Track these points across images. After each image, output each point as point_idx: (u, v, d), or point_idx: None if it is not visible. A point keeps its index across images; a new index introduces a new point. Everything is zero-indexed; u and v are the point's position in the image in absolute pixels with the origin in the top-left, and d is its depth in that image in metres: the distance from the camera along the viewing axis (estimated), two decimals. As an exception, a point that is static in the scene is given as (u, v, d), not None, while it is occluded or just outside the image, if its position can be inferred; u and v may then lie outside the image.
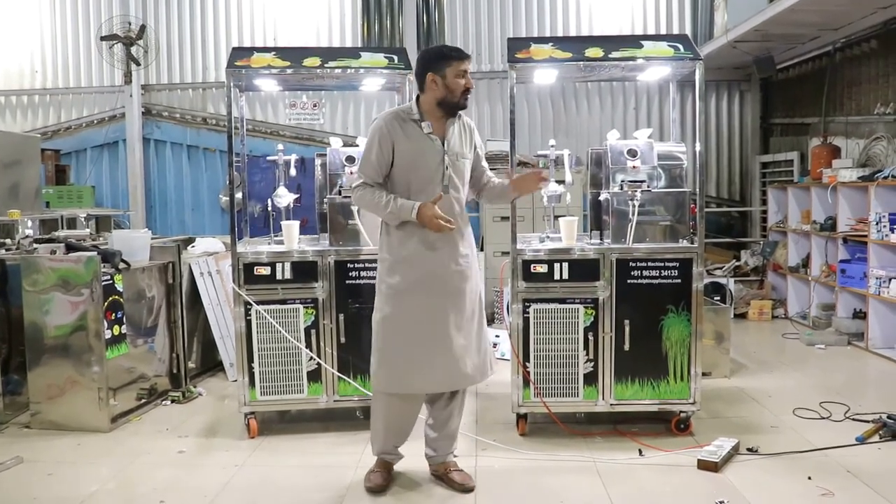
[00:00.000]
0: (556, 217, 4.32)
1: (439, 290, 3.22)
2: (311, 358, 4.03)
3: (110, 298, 4.27)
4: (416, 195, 3.22)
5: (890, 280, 5.69)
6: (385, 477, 3.40)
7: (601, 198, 4.20)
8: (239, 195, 4.43)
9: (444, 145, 3.26)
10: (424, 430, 3.48)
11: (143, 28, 9.06)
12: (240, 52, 4.21)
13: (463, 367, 3.25)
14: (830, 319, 6.59)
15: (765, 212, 8.55)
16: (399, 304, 3.24)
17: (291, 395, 4.06)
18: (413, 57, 3.96)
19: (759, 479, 3.41)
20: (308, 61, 4.14)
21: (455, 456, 3.55)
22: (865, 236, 6.02)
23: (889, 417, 3.99)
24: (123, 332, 4.39)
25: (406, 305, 3.23)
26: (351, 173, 4.00)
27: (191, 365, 5.19)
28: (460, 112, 3.36)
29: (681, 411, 3.99)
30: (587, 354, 3.94)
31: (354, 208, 3.95)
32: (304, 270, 4.02)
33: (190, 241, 6.11)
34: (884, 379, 5.23)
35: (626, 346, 3.92)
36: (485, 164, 3.54)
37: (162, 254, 4.92)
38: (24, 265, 4.25)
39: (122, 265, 4.41)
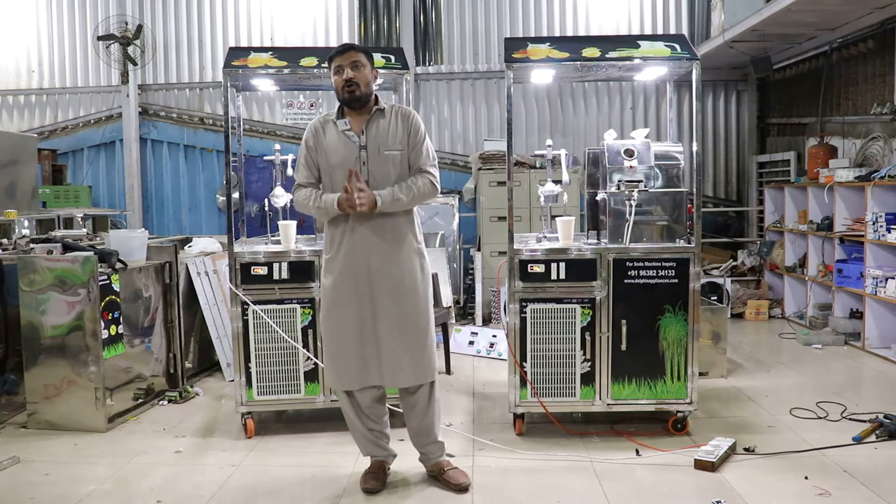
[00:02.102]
0: (554, 217, 4.33)
1: (368, 290, 3.24)
2: (309, 358, 4.03)
3: (107, 298, 4.27)
4: (340, 191, 3.24)
5: (886, 280, 5.70)
6: (379, 477, 3.40)
7: (598, 198, 4.20)
8: (236, 195, 4.44)
9: (361, 140, 3.27)
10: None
11: (139, 28, 9.05)
12: (237, 52, 4.21)
13: (392, 367, 3.25)
14: (827, 319, 6.60)
15: (762, 212, 8.56)
16: (331, 303, 3.31)
17: (288, 394, 4.06)
18: (410, 57, 3.96)
19: (756, 479, 3.41)
20: (305, 61, 4.14)
21: (451, 455, 3.56)
22: (862, 236, 6.03)
23: (886, 417, 4.00)
24: (120, 331, 4.38)
25: (336, 304, 3.29)
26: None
27: (188, 365, 5.19)
28: (392, 105, 3.38)
29: (678, 411, 4.00)
30: (584, 354, 3.94)
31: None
32: (301, 270, 4.02)
33: (187, 240, 6.10)
34: (880, 379, 5.24)
35: (623, 346, 3.92)
36: (421, 158, 3.31)
37: (159, 254, 4.91)
38: (20, 265, 4.25)
39: (118, 265, 4.41)
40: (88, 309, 4.19)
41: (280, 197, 4.29)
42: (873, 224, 5.84)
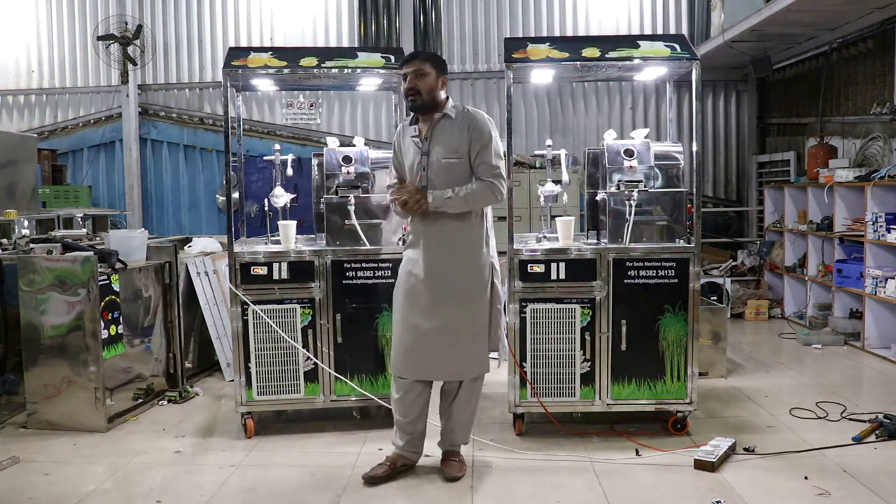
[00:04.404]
0: (553, 217, 4.33)
1: (422, 285, 3.36)
2: (308, 358, 4.03)
3: (107, 298, 4.27)
4: None
5: (886, 280, 5.69)
6: (386, 470, 3.43)
7: (598, 198, 4.20)
8: (236, 195, 4.44)
9: (423, 145, 3.37)
10: None
11: (139, 28, 9.05)
12: (236, 52, 4.21)
13: (434, 361, 3.36)
14: (827, 319, 6.60)
15: (761, 212, 8.56)
16: (397, 291, 3.48)
17: (288, 394, 4.06)
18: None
19: (756, 479, 3.41)
20: (305, 61, 4.14)
21: (459, 445, 3.62)
22: (862, 236, 6.03)
23: (885, 417, 4.00)
24: (120, 331, 4.38)
25: (399, 294, 3.45)
26: (348, 173, 4.03)
27: (187, 365, 5.19)
28: (464, 109, 3.43)
29: (678, 411, 4.00)
30: (584, 354, 3.94)
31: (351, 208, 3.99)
32: (301, 270, 4.02)
33: (187, 240, 6.10)
34: (880, 379, 5.24)
35: (623, 346, 3.92)
36: (481, 168, 3.34)
37: (158, 254, 4.91)
38: (20, 265, 4.24)
39: (118, 265, 4.40)
40: (88, 309, 4.18)
41: (280, 197, 4.29)
42: (873, 224, 5.84)
